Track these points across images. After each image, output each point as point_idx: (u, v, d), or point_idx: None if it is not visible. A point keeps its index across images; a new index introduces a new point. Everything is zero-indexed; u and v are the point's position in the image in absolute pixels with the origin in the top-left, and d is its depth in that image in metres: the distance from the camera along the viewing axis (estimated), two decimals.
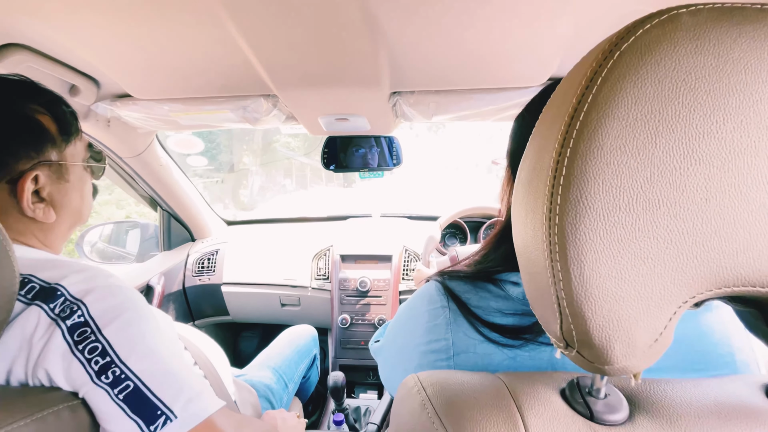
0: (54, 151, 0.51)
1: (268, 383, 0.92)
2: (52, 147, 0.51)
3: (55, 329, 0.41)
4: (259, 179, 7.64)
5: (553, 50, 0.66)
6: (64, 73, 0.79)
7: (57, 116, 0.52)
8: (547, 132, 0.26)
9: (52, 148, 0.51)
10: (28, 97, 0.50)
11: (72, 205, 0.55)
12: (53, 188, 0.51)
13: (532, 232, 0.26)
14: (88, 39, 0.66)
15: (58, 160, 0.52)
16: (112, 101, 0.91)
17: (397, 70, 0.74)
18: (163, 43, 0.66)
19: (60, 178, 0.52)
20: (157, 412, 0.42)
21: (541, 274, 0.25)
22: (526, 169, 0.29)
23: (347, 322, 1.37)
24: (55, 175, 0.51)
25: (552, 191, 0.24)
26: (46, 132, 0.50)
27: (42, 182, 0.49)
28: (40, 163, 0.49)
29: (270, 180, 7.99)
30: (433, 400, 0.30)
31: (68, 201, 0.54)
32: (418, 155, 8.66)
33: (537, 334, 0.41)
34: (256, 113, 0.89)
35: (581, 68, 0.25)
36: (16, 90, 0.50)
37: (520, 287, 0.43)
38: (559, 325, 0.24)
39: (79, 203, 0.56)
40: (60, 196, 0.52)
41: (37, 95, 0.51)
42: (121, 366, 0.42)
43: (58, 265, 0.47)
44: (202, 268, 1.52)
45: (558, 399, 0.29)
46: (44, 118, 0.50)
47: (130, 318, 0.45)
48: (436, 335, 0.45)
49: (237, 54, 0.69)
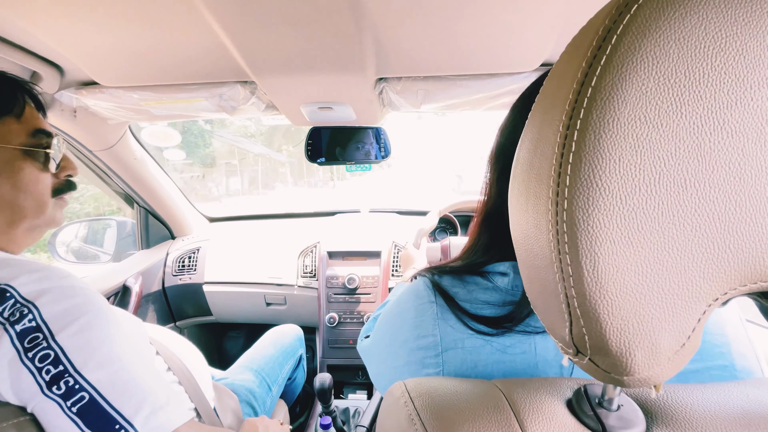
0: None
1: (250, 387, 0.87)
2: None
3: (2, 335, 0.37)
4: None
5: (547, 33, 0.63)
6: (24, 59, 0.72)
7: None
8: (550, 104, 0.22)
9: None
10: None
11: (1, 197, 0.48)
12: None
13: (534, 220, 0.22)
14: (49, 22, 0.60)
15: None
16: (77, 89, 0.84)
17: (382, 54, 0.69)
18: (130, 26, 0.61)
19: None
20: (115, 426, 0.37)
21: (545, 269, 0.22)
22: (524, 150, 0.25)
23: (335, 320, 1.33)
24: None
25: (559, 171, 0.20)
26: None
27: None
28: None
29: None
30: (421, 413, 0.26)
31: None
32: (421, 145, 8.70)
33: (516, 322, 0.39)
34: (232, 101, 0.84)
35: (591, 26, 0.21)
36: None
37: (507, 277, 0.42)
38: (569, 329, 0.21)
39: (9, 194, 0.49)
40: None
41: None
42: (75, 375, 0.37)
43: (11, 263, 0.42)
44: (183, 267, 1.46)
45: (563, 410, 0.26)
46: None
47: (88, 322, 0.40)
48: (424, 331, 0.43)
49: (210, 36, 0.63)
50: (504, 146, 0.46)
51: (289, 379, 1.06)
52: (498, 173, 0.45)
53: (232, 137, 6.25)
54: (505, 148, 0.45)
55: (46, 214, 0.54)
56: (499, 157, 0.46)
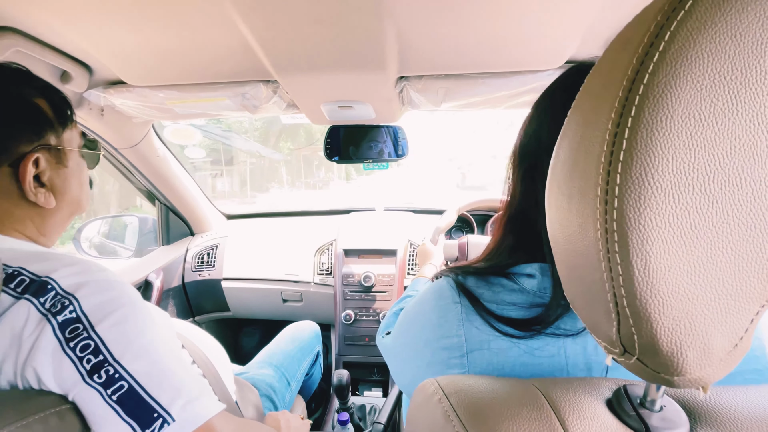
0: (52, 135, 0.52)
1: (270, 382, 0.89)
2: (50, 131, 0.51)
3: (45, 325, 0.38)
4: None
5: (574, 30, 0.62)
6: (55, 58, 0.75)
7: (53, 102, 0.52)
8: (595, 102, 0.22)
9: (50, 133, 0.51)
10: (24, 82, 0.51)
11: (71, 193, 0.54)
12: (53, 173, 0.51)
13: (578, 218, 0.22)
14: (81, 23, 0.62)
15: (56, 144, 0.52)
16: (105, 88, 0.86)
17: (405, 52, 0.69)
18: (158, 26, 0.63)
19: (59, 163, 0.52)
20: (154, 415, 0.39)
21: (590, 268, 0.21)
22: (565, 149, 0.25)
23: (351, 318, 1.34)
24: (54, 160, 0.52)
25: (609, 169, 0.20)
26: (45, 116, 0.51)
27: (42, 166, 0.49)
28: (40, 146, 0.50)
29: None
30: (458, 410, 0.26)
31: (68, 187, 0.54)
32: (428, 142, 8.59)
33: (545, 325, 0.39)
34: (255, 100, 0.85)
35: (640, 23, 0.21)
36: (11, 76, 0.50)
37: (534, 279, 0.41)
38: (616, 328, 0.21)
39: (78, 191, 0.56)
40: (60, 182, 0.52)
41: (32, 81, 0.52)
42: (115, 365, 0.39)
43: (48, 257, 0.44)
44: (202, 263, 1.48)
45: (604, 410, 0.25)
46: (41, 103, 0.51)
47: (125, 314, 0.42)
48: (448, 331, 0.43)
49: (235, 36, 0.64)
50: (528, 145, 0.45)
51: (306, 374, 1.07)
52: (523, 173, 0.45)
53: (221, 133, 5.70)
54: (529, 147, 0.45)
55: (84, 207, 0.58)
56: (523, 156, 0.45)
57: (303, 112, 0.96)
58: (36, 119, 0.50)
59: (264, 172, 15.16)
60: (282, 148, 17.27)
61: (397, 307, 0.78)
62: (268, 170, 15.54)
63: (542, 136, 0.43)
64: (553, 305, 0.39)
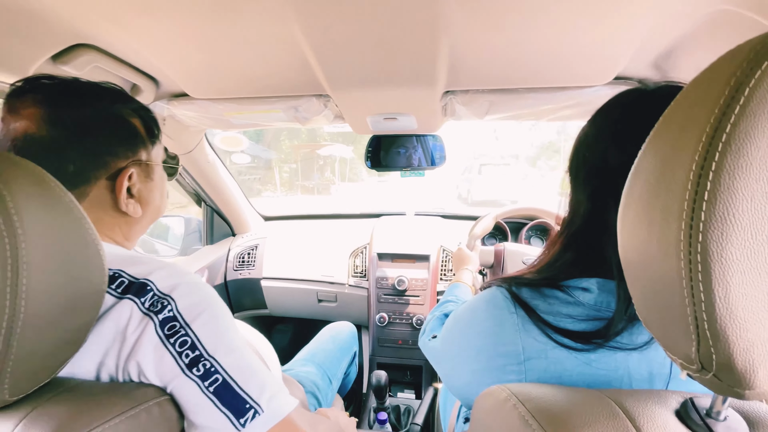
0: (144, 151, 0.56)
1: (314, 379, 0.93)
2: (142, 148, 0.56)
3: (148, 323, 0.42)
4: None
5: (625, 48, 0.63)
6: (128, 73, 0.81)
7: (144, 120, 0.57)
8: (676, 142, 0.25)
9: (142, 149, 0.56)
10: (122, 102, 0.55)
11: (154, 202, 0.59)
12: (142, 186, 0.56)
13: (659, 247, 0.25)
14: (155, 40, 0.67)
15: (147, 160, 0.57)
16: (169, 100, 0.93)
17: (455, 68, 0.72)
18: (226, 44, 0.68)
19: (147, 177, 0.57)
20: (246, 406, 0.42)
21: (670, 292, 0.24)
22: (642, 181, 0.27)
23: (385, 320, 1.37)
24: (144, 173, 0.57)
25: (693, 207, 0.22)
26: (139, 134, 0.56)
27: (134, 180, 0.54)
28: (134, 162, 0.54)
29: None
30: (537, 415, 0.29)
31: (152, 198, 0.59)
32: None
33: (607, 339, 0.40)
34: (306, 113, 0.90)
35: (720, 73, 0.23)
36: (113, 96, 0.55)
37: (591, 294, 0.43)
38: (695, 347, 0.23)
39: (159, 201, 0.61)
40: (146, 193, 0.57)
41: (128, 101, 0.57)
42: (210, 359, 0.43)
43: (143, 261, 0.48)
44: (243, 263, 1.56)
45: (674, 420, 0.28)
46: (136, 122, 0.56)
47: (212, 313, 0.46)
48: (504, 340, 0.45)
49: (296, 53, 0.69)
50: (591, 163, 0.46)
51: (344, 374, 1.11)
52: (590, 192, 0.45)
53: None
54: (592, 166, 0.45)
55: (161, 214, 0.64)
56: (588, 174, 0.46)
57: (348, 123, 1.01)
58: (132, 137, 0.55)
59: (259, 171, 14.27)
60: (282, 147, 16.40)
61: (439, 311, 0.80)
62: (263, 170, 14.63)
63: (606, 156, 0.43)
64: (617, 320, 0.40)
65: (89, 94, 0.53)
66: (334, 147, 16.48)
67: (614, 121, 0.45)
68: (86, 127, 0.50)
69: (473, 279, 0.99)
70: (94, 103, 0.52)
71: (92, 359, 0.42)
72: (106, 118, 0.52)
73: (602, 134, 0.46)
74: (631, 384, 0.40)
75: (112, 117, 0.53)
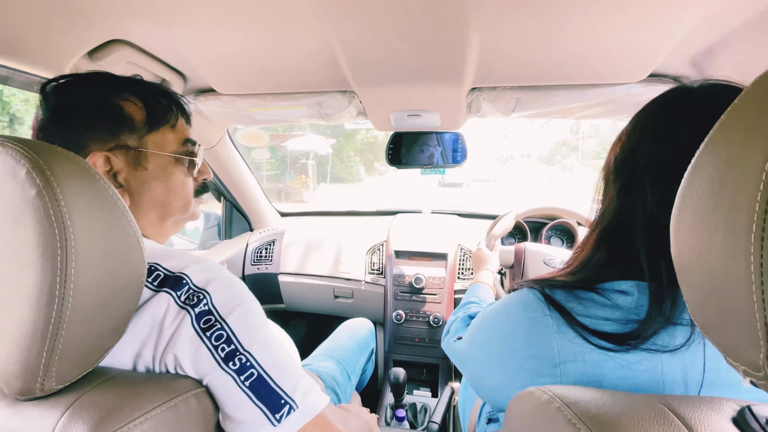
0: (132, 137, 0.52)
1: (333, 374, 0.93)
2: (129, 133, 0.52)
3: (185, 315, 0.42)
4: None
5: (663, 45, 0.61)
6: (158, 68, 0.82)
7: (148, 105, 0.53)
8: (743, 141, 0.24)
9: (129, 134, 0.52)
10: (119, 87, 0.53)
11: (153, 196, 0.55)
12: (130, 175, 0.52)
13: (723, 251, 0.24)
14: (185, 35, 0.68)
15: (136, 146, 0.52)
16: (196, 96, 0.95)
17: (483, 65, 0.71)
18: (255, 40, 0.68)
19: (137, 164, 0.53)
20: (281, 401, 0.42)
21: (735, 297, 0.23)
22: (703, 181, 0.26)
23: (401, 317, 1.37)
24: (132, 161, 0.52)
25: (766, 209, 0.21)
26: (126, 118, 0.52)
27: (117, 166, 0.51)
28: (116, 147, 0.51)
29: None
30: (584, 418, 0.28)
31: (147, 190, 0.54)
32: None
33: (643, 340, 0.40)
34: (330, 109, 0.90)
35: None
36: (106, 81, 0.53)
37: (630, 296, 0.42)
38: (764, 354, 0.22)
39: (163, 195, 0.56)
40: (137, 184, 0.53)
41: (132, 86, 0.54)
42: (246, 354, 0.43)
43: (176, 254, 0.48)
44: (261, 258, 1.57)
45: (731, 427, 0.27)
46: (129, 106, 0.52)
47: (246, 309, 0.46)
48: (538, 342, 0.45)
49: (324, 49, 0.69)
50: (624, 161, 0.46)
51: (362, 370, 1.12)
52: (619, 188, 0.45)
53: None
54: (625, 163, 0.45)
55: (190, 211, 0.62)
56: (620, 171, 0.46)
57: (370, 120, 1.00)
58: (114, 120, 0.51)
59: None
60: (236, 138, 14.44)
61: (462, 312, 0.80)
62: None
63: (640, 153, 0.43)
64: (650, 321, 0.40)
65: (76, 81, 0.52)
66: (305, 139, 12.87)
67: (655, 119, 0.44)
68: (65, 112, 0.50)
69: (493, 279, 0.98)
70: (78, 88, 0.51)
71: (130, 351, 0.43)
72: (87, 102, 0.51)
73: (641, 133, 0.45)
74: (665, 387, 0.39)
75: (93, 101, 0.51)
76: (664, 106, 0.44)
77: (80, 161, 0.37)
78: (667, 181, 0.37)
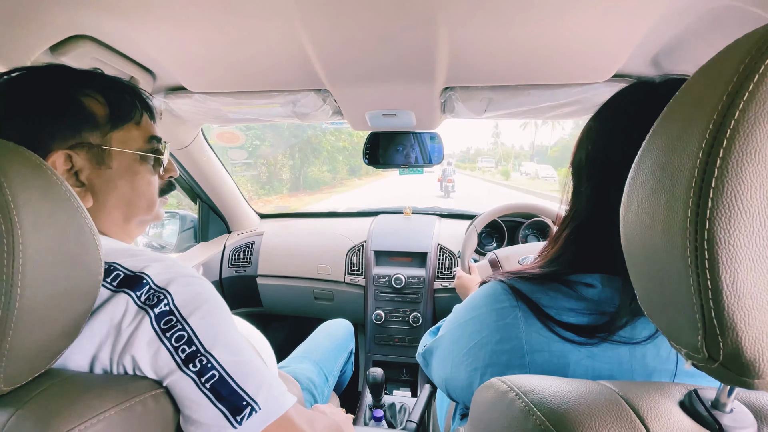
0: (95, 134, 0.50)
1: (310, 376, 0.92)
2: (92, 130, 0.50)
3: (144, 316, 0.41)
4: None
5: (625, 45, 0.63)
6: (125, 65, 0.80)
7: (111, 101, 0.51)
8: (682, 131, 0.25)
9: (92, 131, 0.50)
10: (79, 82, 0.50)
11: (118, 195, 0.53)
12: (93, 173, 0.50)
13: (663, 236, 0.24)
14: (153, 32, 0.66)
15: (99, 144, 0.50)
16: (167, 94, 0.92)
17: (454, 65, 0.72)
18: (225, 37, 0.67)
19: (101, 163, 0.51)
20: (242, 403, 0.42)
21: (675, 282, 0.24)
22: (646, 170, 0.27)
23: (381, 318, 1.37)
24: (95, 159, 0.50)
25: (700, 194, 0.22)
26: (88, 114, 0.49)
27: (79, 164, 0.49)
28: (78, 144, 0.49)
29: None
30: (539, 407, 0.29)
31: (111, 189, 0.52)
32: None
33: (611, 333, 0.41)
34: (305, 108, 0.90)
35: (728, 60, 0.23)
36: (55, 73, 0.50)
37: (595, 289, 0.43)
38: (702, 337, 0.23)
39: (128, 194, 0.54)
40: (100, 182, 0.51)
41: (92, 80, 0.51)
42: (207, 355, 0.42)
43: (138, 254, 0.47)
44: (239, 260, 1.54)
45: (678, 411, 0.28)
46: (91, 102, 0.50)
47: (210, 308, 0.45)
48: (507, 335, 0.45)
49: (295, 48, 0.69)
50: (595, 159, 0.46)
51: (340, 371, 1.11)
52: (591, 186, 0.46)
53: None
54: (597, 161, 0.45)
55: (154, 211, 0.60)
56: (592, 168, 0.46)
57: (346, 119, 1.00)
58: (74, 117, 0.49)
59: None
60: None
61: (437, 326, 0.79)
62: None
63: (611, 150, 0.44)
64: (620, 314, 0.40)
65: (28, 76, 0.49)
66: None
67: (619, 114, 0.45)
68: (22, 107, 0.47)
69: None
70: (34, 82, 0.48)
71: (86, 352, 0.41)
72: (41, 95, 0.48)
73: (606, 128, 0.46)
74: (633, 378, 0.40)
75: (53, 97, 0.48)
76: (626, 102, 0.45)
77: (30, 155, 0.36)
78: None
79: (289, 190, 15.65)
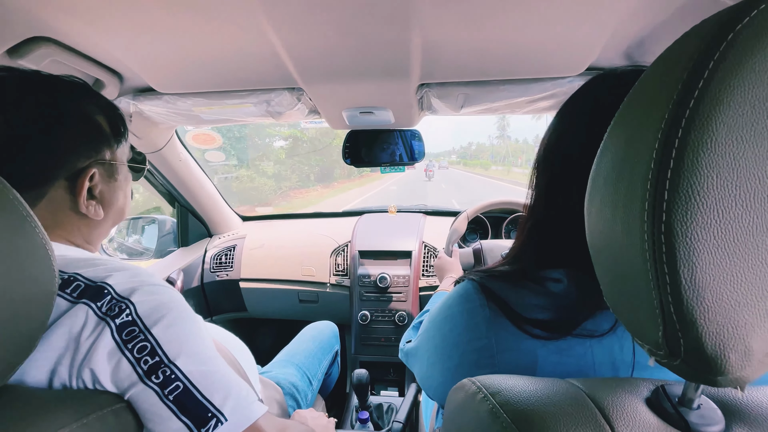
0: (108, 151, 0.54)
1: (293, 380, 0.91)
2: (107, 147, 0.53)
3: (104, 328, 0.40)
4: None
5: (596, 39, 0.63)
6: (89, 67, 0.77)
7: (110, 118, 0.54)
8: (639, 122, 0.24)
9: (106, 148, 0.53)
10: (88, 98, 0.52)
11: (117, 204, 0.57)
12: (104, 187, 0.53)
13: (623, 229, 0.24)
14: (115, 32, 0.64)
15: (110, 159, 0.54)
16: (135, 96, 0.89)
17: (428, 61, 0.71)
18: (192, 37, 0.65)
19: (110, 177, 0.54)
20: (208, 414, 0.40)
21: (635, 277, 0.23)
22: (607, 163, 0.26)
23: (367, 318, 1.36)
24: (107, 174, 0.54)
25: (656, 185, 0.21)
26: (104, 132, 0.53)
27: (96, 180, 0.51)
28: (97, 162, 0.51)
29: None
30: (504, 407, 0.28)
31: (115, 199, 0.56)
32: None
33: (575, 326, 0.40)
34: (279, 107, 0.87)
35: (684, 49, 0.22)
36: (77, 90, 0.52)
37: (561, 284, 0.43)
38: (662, 332, 0.22)
39: (123, 202, 0.58)
40: (109, 195, 0.54)
41: (94, 97, 0.53)
42: (171, 366, 0.41)
43: (100, 263, 0.46)
44: (221, 264, 1.51)
45: (644, 408, 0.27)
46: (101, 119, 0.53)
47: (175, 317, 0.43)
48: (477, 334, 0.45)
49: (264, 45, 0.67)
50: (554, 153, 0.46)
51: (325, 373, 1.09)
52: (548, 180, 0.46)
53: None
54: (555, 155, 0.46)
55: (125, 216, 0.61)
56: (549, 164, 0.46)
57: (324, 118, 0.98)
58: (96, 136, 0.52)
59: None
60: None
61: (418, 320, 0.79)
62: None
63: (568, 144, 0.44)
64: (579, 308, 0.40)
65: (51, 88, 0.49)
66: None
67: (581, 107, 0.45)
68: (47, 125, 0.47)
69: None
70: (56, 99, 0.48)
71: (44, 367, 0.40)
72: (69, 115, 0.49)
73: (567, 122, 0.46)
74: (596, 371, 0.40)
75: (76, 114, 0.50)
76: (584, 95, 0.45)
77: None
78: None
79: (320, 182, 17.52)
